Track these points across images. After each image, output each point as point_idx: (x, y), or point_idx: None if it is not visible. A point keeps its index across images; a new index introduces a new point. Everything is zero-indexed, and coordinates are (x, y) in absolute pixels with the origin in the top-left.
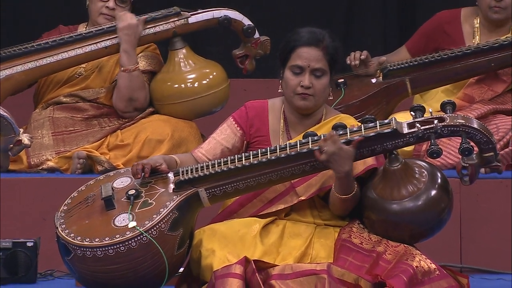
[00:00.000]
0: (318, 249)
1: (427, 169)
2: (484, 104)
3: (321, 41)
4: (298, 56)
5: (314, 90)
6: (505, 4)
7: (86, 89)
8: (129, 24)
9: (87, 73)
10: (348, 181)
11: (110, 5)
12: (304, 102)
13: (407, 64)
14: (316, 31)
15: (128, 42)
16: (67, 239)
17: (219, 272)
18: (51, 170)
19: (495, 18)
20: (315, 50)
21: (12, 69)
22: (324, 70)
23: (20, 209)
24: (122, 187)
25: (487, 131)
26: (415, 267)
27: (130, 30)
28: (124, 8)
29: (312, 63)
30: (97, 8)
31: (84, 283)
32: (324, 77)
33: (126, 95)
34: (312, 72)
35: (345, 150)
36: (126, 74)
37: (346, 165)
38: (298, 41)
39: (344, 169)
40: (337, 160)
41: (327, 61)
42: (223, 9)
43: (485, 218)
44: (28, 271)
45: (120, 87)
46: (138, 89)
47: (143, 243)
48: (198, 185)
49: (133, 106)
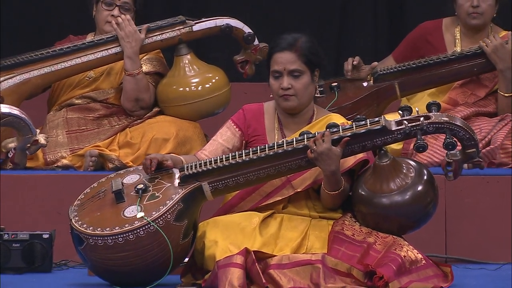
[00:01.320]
0: (313, 240)
1: (414, 165)
2: (467, 107)
3: (293, 44)
4: (275, 61)
5: (295, 90)
6: (482, 10)
7: (96, 90)
8: (129, 32)
9: (97, 75)
10: (335, 179)
11: (115, 13)
12: (287, 102)
13: (396, 69)
14: (289, 36)
15: (130, 49)
16: (80, 229)
17: (222, 262)
18: (65, 167)
19: (474, 24)
20: (288, 53)
21: (29, 73)
22: (300, 70)
23: (37, 203)
24: (131, 182)
25: (469, 129)
26: (403, 256)
27: (131, 38)
28: (128, 16)
29: (287, 65)
30: (103, 16)
31: (96, 271)
32: (302, 77)
33: (133, 96)
34: (289, 73)
35: (333, 151)
36: (131, 78)
37: (332, 164)
38: (274, 48)
39: (330, 168)
40: (325, 159)
41: (303, 62)
42: (225, 18)
43: (468, 212)
44: (44, 261)
45: (126, 89)
46: (143, 90)
47: (151, 232)
48: (201, 179)
49: (139, 106)
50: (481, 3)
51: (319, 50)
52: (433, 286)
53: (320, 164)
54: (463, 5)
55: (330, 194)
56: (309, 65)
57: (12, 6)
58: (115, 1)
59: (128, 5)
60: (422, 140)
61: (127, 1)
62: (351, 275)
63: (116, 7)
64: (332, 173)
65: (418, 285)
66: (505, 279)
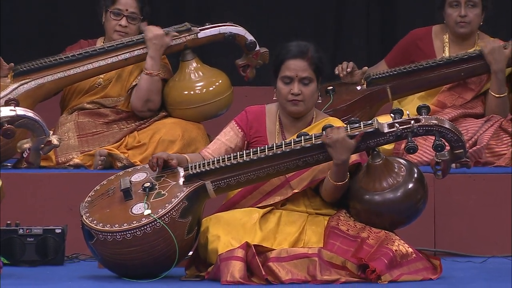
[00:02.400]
0: (310, 235)
1: (405, 165)
2: (454, 109)
3: (305, 53)
4: (287, 67)
5: (303, 96)
6: (469, 19)
7: (106, 97)
8: (156, 35)
9: (105, 83)
10: (343, 169)
11: (123, 23)
12: (295, 107)
13: (388, 73)
14: (301, 44)
15: (155, 50)
16: (91, 225)
17: (224, 255)
18: (76, 166)
19: (462, 32)
20: (301, 61)
21: (43, 78)
22: (310, 78)
23: (50, 200)
24: (138, 180)
25: (457, 131)
26: (395, 250)
27: (157, 40)
28: (134, 24)
29: (299, 73)
30: (111, 25)
31: (106, 264)
32: (311, 84)
33: (145, 96)
34: (300, 80)
35: (347, 141)
36: (148, 77)
37: (345, 154)
38: (286, 55)
39: (342, 157)
40: (339, 148)
41: (313, 70)
42: (228, 25)
43: (456, 208)
44: (56, 254)
45: (140, 87)
46: (155, 92)
47: (157, 228)
48: (205, 178)
49: (148, 107)
50: (468, 13)
51: (325, 59)
52: (423, 278)
53: (333, 151)
54: (452, 15)
55: (335, 185)
56: (317, 73)
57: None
58: (122, 11)
59: (135, 14)
60: (413, 142)
61: (134, 11)
62: (345, 268)
63: (123, 17)
64: (342, 162)
65: (408, 278)
66: (491, 271)
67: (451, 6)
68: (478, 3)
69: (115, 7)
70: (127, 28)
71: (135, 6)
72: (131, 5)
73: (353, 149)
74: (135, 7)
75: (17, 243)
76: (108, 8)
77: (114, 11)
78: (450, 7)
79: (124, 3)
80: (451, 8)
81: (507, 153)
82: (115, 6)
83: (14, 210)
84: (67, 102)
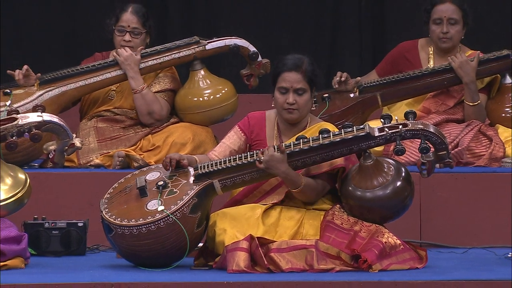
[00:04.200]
0: (307, 228)
1: (394, 165)
2: (438, 115)
3: (300, 66)
4: (283, 79)
5: (298, 105)
6: (451, 35)
7: (119, 108)
8: (126, 56)
9: (118, 96)
10: (290, 179)
11: (126, 39)
12: (290, 115)
13: (378, 82)
14: (297, 57)
15: (131, 70)
16: (110, 220)
17: (230, 247)
18: (97, 166)
19: (444, 47)
20: (295, 74)
21: (66, 86)
22: (304, 89)
23: (73, 196)
24: (153, 179)
25: (441, 134)
26: (384, 242)
27: (129, 61)
28: (138, 38)
29: (294, 84)
30: (117, 41)
31: (123, 255)
32: (305, 94)
33: (144, 110)
34: (294, 91)
35: (276, 156)
36: (138, 95)
37: (281, 167)
38: (283, 67)
39: (280, 170)
40: (272, 164)
41: (306, 81)
42: (233, 38)
43: (440, 204)
44: (79, 245)
45: (137, 106)
46: (152, 102)
47: (169, 223)
48: (213, 177)
49: (153, 118)
50: (450, 30)
51: (319, 71)
52: (410, 267)
53: (270, 170)
54: (435, 31)
55: (295, 192)
56: (310, 84)
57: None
58: (125, 28)
59: (137, 30)
60: (401, 145)
61: (136, 26)
62: (340, 258)
63: (127, 33)
64: (284, 174)
65: (397, 267)
66: (471, 261)
67: (435, 23)
68: (459, 21)
69: (119, 25)
70: (131, 42)
71: (136, 21)
72: (133, 21)
73: (283, 159)
74: (137, 23)
75: (43, 236)
76: (113, 26)
77: (119, 28)
78: (434, 24)
79: (126, 20)
80: (435, 25)
81: (486, 154)
82: (119, 24)
83: (40, 205)
84: (86, 110)
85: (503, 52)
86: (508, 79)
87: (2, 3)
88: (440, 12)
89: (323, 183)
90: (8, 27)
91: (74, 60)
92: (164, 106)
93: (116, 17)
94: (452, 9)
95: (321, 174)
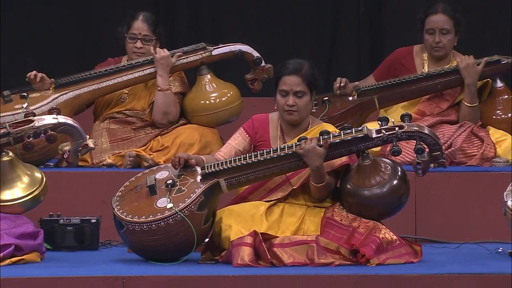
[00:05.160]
0: (308, 224)
1: (390, 164)
2: (432, 117)
3: (299, 70)
4: (284, 82)
5: (298, 107)
6: (443, 44)
7: (132, 110)
8: (163, 56)
9: (130, 98)
10: (319, 173)
11: (138, 45)
12: (290, 116)
13: (375, 86)
14: (297, 62)
15: (163, 69)
16: (121, 216)
17: (235, 242)
18: (109, 165)
19: (437, 55)
20: (295, 77)
21: (80, 89)
22: (303, 91)
23: (86, 194)
24: (162, 178)
25: (435, 136)
26: (381, 238)
27: (164, 60)
28: (149, 45)
29: (294, 87)
30: (129, 47)
31: (134, 249)
32: (304, 97)
33: (162, 109)
34: (294, 94)
35: (317, 150)
36: (161, 93)
37: (317, 161)
38: (283, 71)
39: (315, 164)
40: (311, 156)
41: (306, 84)
42: (238, 44)
43: (434, 201)
44: (92, 241)
45: (157, 102)
46: (171, 104)
47: (178, 219)
48: (219, 176)
49: (167, 119)
50: (442, 39)
51: (318, 75)
52: (406, 261)
53: (307, 159)
54: (428, 40)
55: (316, 186)
56: (310, 87)
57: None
58: (136, 35)
59: (148, 37)
60: (397, 146)
61: (147, 33)
62: (339, 253)
63: (138, 40)
64: (316, 168)
65: (393, 261)
66: (463, 255)
67: (428, 33)
68: (451, 30)
69: (130, 32)
70: (142, 48)
71: (147, 29)
72: (143, 29)
73: (323, 154)
74: (147, 30)
75: (58, 231)
76: (125, 34)
77: (130, 35)
78: (427, 33)
79: (137, 27)
80: (428, 34)
81: (478, 154)
82: (130, 31)
83: (55, 203)
84: (99, 112)
85: (494, 57)
86: (499, 83)
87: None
88: (432, 23)
89: (334, 180)
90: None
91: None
92: (178, 109)
93: (128, 25)
94: (444, 19)
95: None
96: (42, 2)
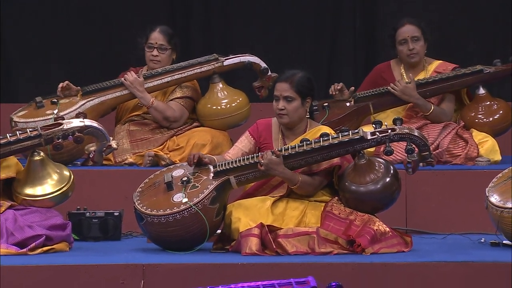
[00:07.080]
0: (310, 217)
1: (384, 163)
2: (419, 119)
3: (290, 78)
4: (276, 88)
5: (287, 111)
6: (416, 51)
7: (148, 113)
8: (132, 80)
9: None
10: (287, 178)
11: (154, 54)
12: (281, 119)
13: (370, 93)
14: (291, 71)
15: (138, 91)
16: (141, 210)
17: (243, 233)
18: (130, 164)
19: (413, 62)
20: (285, 84)
21: (105, 96)
22: (292, 97)
23: (110, 190)
24: (178, 175)
25: (424, 137)
26: (375, 229)
27: (134, 84)
28: (164, 53)
29: (283, 92)
30: (147, 56)
31: (153, 240)
32: (293, 102)
33: (160, 118)
34: (284, 98)
35: (273, 160)
36: (151, 109)
37: (278, 168)
38: (278, 79)
39: (277, 171)
40: (271, 167)
41: (294, 91)
42: (247, 55)
43: (423, 196)
44: (115, 232)
45: (153, 116)
46: (164, 110)
47: (192, 213)
48: (229, 174)
49: (169, 121)
50: (415, 46)
51: (311, 83)
52: (397, 251)
53: (270, 172)
54: (403, 50)
55: (293, 188)
56: (300, 94)
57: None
58: (153, 44)
59: (163, 46)
60: (390, 146)
61: (162, 43)
62: (337, 243)
63: (155, 49)
64: (282, 174)
65: (386, 250)
66: (450, 246)
67: (401, 44)
68: (420, 37)
69: (148, 42)
70: (158, 57)
71: (163, 39)
72: (159, 39)
73: (279, 162)
74: (163, 40)
75: (84, 223)
76: (144, 44)
77: (148, 45)
78: (400, 45)
79: (154, 38)
80: (401, 45)
81: (462, 154)
82: (148, 41)
83: (82, 198)
84: (120, 116)
85: (477, 67)
86: (481, 90)
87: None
88: (404, 33)
89: (320, 179)
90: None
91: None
92: (178, 110)
93: (146, 36)
94: (413, 28)
95: (320, 171)
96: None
